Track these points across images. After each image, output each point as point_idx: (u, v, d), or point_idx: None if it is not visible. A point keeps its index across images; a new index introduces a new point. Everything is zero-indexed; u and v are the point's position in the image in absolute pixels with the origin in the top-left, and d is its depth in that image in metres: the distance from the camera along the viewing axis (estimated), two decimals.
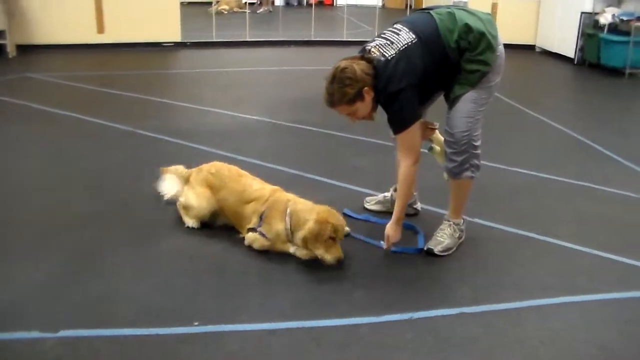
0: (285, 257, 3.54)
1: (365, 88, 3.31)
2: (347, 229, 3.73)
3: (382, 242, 3.63)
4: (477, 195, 4.44)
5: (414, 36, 3.32)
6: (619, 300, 3.21)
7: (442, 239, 3.67)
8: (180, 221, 3.90)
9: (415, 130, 3.38)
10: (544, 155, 5.54)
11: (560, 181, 4.85)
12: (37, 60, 9.41)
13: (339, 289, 3.24)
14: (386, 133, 3.75)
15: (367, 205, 4.24)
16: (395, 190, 4.13)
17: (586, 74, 9.71)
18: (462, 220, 3.77)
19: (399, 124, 3.38)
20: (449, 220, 3.74)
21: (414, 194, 4.12)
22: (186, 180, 4.05)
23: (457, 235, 3.72)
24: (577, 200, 4.52)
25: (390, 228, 3.56)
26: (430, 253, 3.61)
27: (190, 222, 3.88)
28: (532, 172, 4.98)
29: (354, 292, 3.20)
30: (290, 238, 3.55)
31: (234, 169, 3.96)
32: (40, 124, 6.06)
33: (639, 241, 3.90)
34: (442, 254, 3.62)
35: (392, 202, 4.13)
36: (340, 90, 3.31)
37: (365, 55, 3.39)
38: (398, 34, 3.37)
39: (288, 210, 3.56)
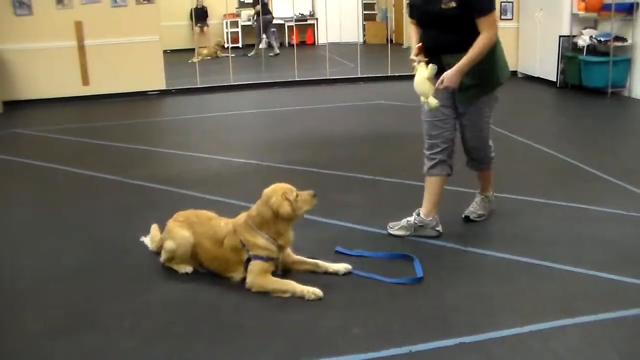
0: (280, 297, 3.51)
1: None
2: (348, 266, 3.75)
3: (381, 277, 3.62)
4: (470, 223, 4.45)
5: None
6: (617, 319, 3.19)
7: (474, 208, 4.48)
8: (171, 270, 3.85)
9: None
10: (534, 180, 5.56)
11: (551, 204, 4.85)
12: (23, 115, 9.43)
13: (337, 326, 3.20)
14: (371, 169, 3.75)
15: (391, 231, 4.31)
16: (417, 214, 4.24)
17: (569, 96, 9.80)
18: (491, 193, 4.55)
19: (487, 5, 3.86)
20: (481, 194, 4.53)
21: (436, 216, 4.22)
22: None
23: (487, 205, 4.52)
24: (569, 222, 4.52)
25: (449, 72, 3.85)
26: (468, 219, 4.43)
27: (182, 268, 3.84)
28: (522, 197, 4.98)
29: (351, 329, 3.16)
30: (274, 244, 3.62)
31: (202, 213, 3.92)
32: (28, 179, 6.05)
33: (633, 258, 3.89)
34: (477, 219, 4.44)
35: (414, 226, 4.22)
36: None
37: None
38: None
39: (250, 222, 3.62)
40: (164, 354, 3.02)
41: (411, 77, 4.03)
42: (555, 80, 10.41)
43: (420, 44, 3.98)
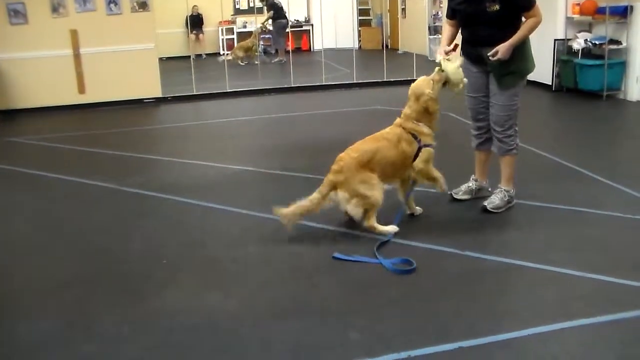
0: (276, 300, 3.51)
1: None
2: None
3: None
4: (467, 228, 4.45)
5: None
6: (615, 322, 3.19)
7: (493, 199, 4.70)
8: (170, 278, 3.84)
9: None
10: (531, 183, 5.55)
11: (548, 207, 4.85)
12: (19, 124, 9.43)
13: (335, 331, 3.20)
14: None
15: (456, 196, 4.98)
16: (475, 180, 5.02)
17: (565, 100, 9.82)
18: (512, 189, 4.77)
19: (531, 1, 4.45)
20: (500, 187, 4.77)
21: (487, 180, 5.04)
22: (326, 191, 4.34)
23: (507, 199, 4.74)
24: (566, 225, 4.52)
25: (504, 46, 4.43)
26: (484, 210, 4.65)
27: (388, 228, 4.27)
28: (519, 201, 4.96)
29: (349, 333, 3.16)
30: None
31: (354, 147, 4.49)
32: (24, 187, 6.03)
33: (631, 261, 3.90)
34: (493, 210, 4.64)
35: (475, 190, 5.00)
36: None
37: None
38: None
39: (413, 117, 4.44)
40: None
41: (406, 83, 4.07)
42: (550, 83, 10.43)
43: (454, 44, 4.62)
